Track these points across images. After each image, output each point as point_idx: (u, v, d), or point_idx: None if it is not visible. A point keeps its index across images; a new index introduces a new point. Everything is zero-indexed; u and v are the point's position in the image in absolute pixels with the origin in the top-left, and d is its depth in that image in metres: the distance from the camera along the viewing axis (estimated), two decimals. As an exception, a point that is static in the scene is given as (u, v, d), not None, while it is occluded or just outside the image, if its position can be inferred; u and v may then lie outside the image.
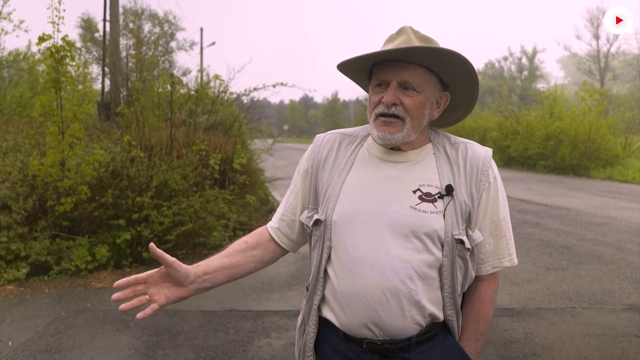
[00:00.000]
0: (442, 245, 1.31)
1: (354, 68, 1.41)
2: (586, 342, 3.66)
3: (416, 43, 1.30)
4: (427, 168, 1.37)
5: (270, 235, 1.51)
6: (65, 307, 4.43)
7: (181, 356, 3.49)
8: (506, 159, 20.14)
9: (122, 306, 1.26)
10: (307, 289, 1.51)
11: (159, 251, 1.26)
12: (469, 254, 1.34)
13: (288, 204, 1.52)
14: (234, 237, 6.79)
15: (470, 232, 1.34)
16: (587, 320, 4.05)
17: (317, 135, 1.53)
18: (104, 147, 6.52)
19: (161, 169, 6.14)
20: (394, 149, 1.39)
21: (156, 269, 1.32)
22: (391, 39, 1.35)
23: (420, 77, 1.32)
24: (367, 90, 1.46)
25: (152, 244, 1.27)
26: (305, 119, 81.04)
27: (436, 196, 1.32)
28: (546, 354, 3.49)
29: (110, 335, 3.84)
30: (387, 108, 1.31)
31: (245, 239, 1.49)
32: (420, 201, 1.32)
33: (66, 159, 5.63)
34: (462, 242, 1.31)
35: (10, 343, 3.71)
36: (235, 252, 1.45)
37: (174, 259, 1.30)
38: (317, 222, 1.38)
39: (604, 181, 14.54)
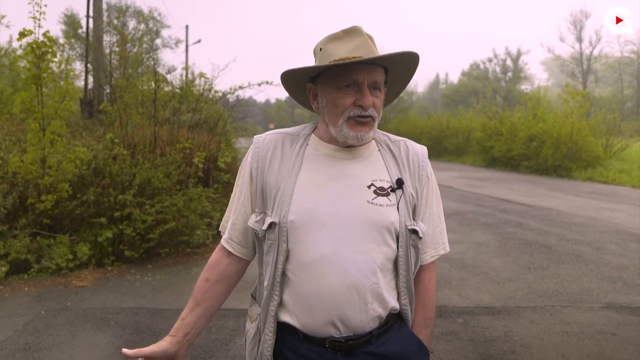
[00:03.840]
0: (397, 237, 1.35)
1: (301, 74, 1.39)
2: (564, 340, 3.72)
3: (370, 44, 1.34)
4: (375, 164, 1.41)
5: (227, 252, 1.47)
6: (45, 306, 4.38)
7: (162, 355, 3.47)
8: (490, 160, 20.32)
9: None
10: (254, 297, 1.50)
11: (132, 352, 1.32)
12: (419, 242, 1.40)
13: (237, 212, 1.46)
14: (217, 235, 6.76)
15: (415, 223, 1.40)
16: (565, 319, 4.11)
17: (255, 137, 1.47)
18: (86, 144, 6.46)
19: (144, 167, 6.09)
20: (347, 146, 1.39)
21: None
22: (340, 37, 1.34)
23: (382, 77, 1.37)
24: (295, 95, 1.47)
25: (123, 350, 1.33)
26: (291, 118, 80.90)
27: (389, 190, 1.37)
28: (525, 352, 3.54)
29: (90, 333, 3.81)
30: (364, 110, 1.32)
31: (206, 277, 1.46)
32: (376, 195, 1.35)
33: (47, 156, 5.57)
34: (415, 231, 1.37)
35: (-12, 342, 3.66)
36: (203, 296, 1.44)
37: (150, 349, 1.36)
38: (271, 225, 1.34)
39: (585, 182, 14.74)
